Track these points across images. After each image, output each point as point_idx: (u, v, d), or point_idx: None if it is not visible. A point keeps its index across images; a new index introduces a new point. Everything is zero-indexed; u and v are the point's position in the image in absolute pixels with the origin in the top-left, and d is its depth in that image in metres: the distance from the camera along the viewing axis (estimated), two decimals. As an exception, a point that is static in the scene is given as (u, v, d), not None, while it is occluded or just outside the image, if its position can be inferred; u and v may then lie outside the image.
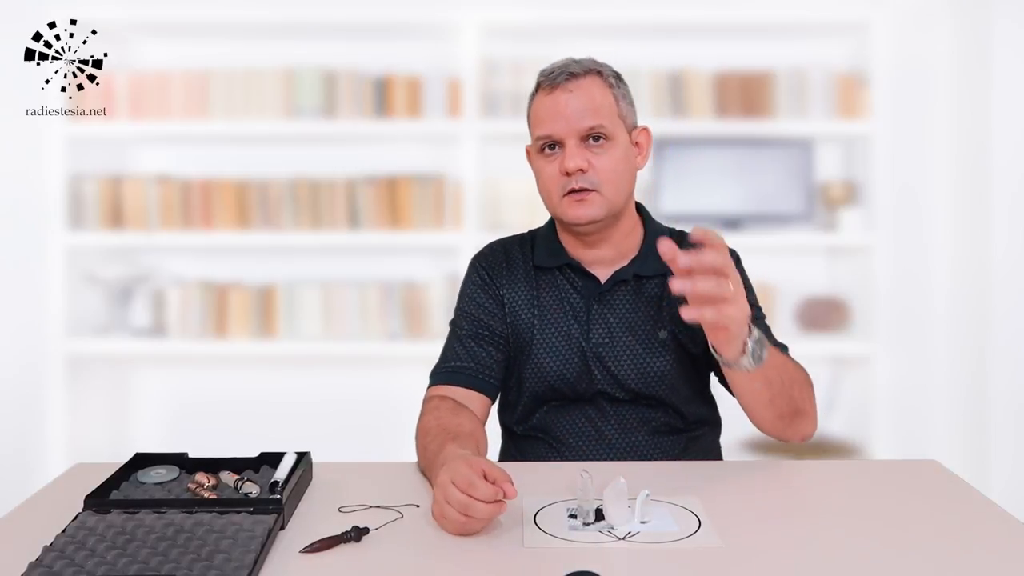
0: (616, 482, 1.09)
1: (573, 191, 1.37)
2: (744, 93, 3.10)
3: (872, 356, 3.07)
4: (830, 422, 3.06)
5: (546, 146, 1.40)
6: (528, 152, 1.49)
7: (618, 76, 1.43)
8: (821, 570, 0.99)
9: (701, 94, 3.09)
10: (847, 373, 3.18)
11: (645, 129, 1.47)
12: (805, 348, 2.98)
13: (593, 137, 1.38)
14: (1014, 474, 2.84)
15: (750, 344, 1.18)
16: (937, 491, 1.24)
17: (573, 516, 1.11)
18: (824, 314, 3.15)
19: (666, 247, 1.10)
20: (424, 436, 1.32)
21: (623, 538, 1.05)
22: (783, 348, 1.43)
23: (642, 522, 1.09)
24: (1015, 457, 2.89)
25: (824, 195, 3.18)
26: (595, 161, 1.37)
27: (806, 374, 1.37)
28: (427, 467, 1.26)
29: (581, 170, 1.36)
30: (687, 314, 1.10)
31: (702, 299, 1.10)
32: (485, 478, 1.05)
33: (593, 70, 1.40)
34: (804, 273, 3.21)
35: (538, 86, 1.43)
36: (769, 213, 3.14)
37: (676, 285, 1.09)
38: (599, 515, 1.10)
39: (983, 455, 2.93)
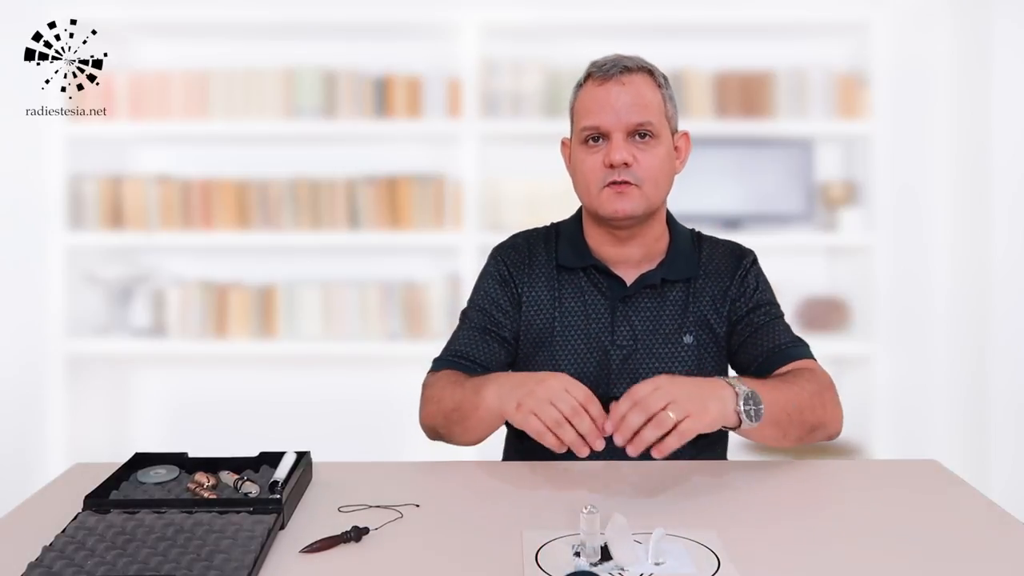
0: (614, 520, 1.00)
1: (614, 183, 1.36)
2: (744, 93, 3.10)
3: (872, 356, 3.07)
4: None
5: (590, 137, 1.38)
6: (564, 145, 1.48)
7: (666, 78, 1.43)
8: (822, 570, 1.00)
9: (701, 94, 3.09)
10: (847, 373, 3.18)
11: (686, 134, 1.46)
12: (805, 348, 3.01)
13: (640, 134, 1.37)
14: (1014, 474, 2.84)
15: (742, 411, 1.16)
16: (937, 491, 1.24)
17: (578, 555, 1.01)
18: (824, 314, 3.15)
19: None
20: (456, 384, 1.34)
21: None
22: (803, 346, 1.44)
23: (656, 563, 0.99)
24: (1015, 457, 2.89)
25: (824, 195, 3.18)
26: (640, 157, 1.36)
27: (820, 383, 1.35)
28: (473, 391, 1.28)
29: (626, 164, 1.35)
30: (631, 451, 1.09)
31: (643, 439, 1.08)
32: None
33: (645, 68, 1.40)
34: (804, 273, 3.21)
35: (587, 77, 1.41)
36: (769, 213, 3.14)
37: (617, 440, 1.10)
38: (605, 553, 1.00)
39: (983, 455, 2.93)
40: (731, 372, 1.53)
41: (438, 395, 1.37)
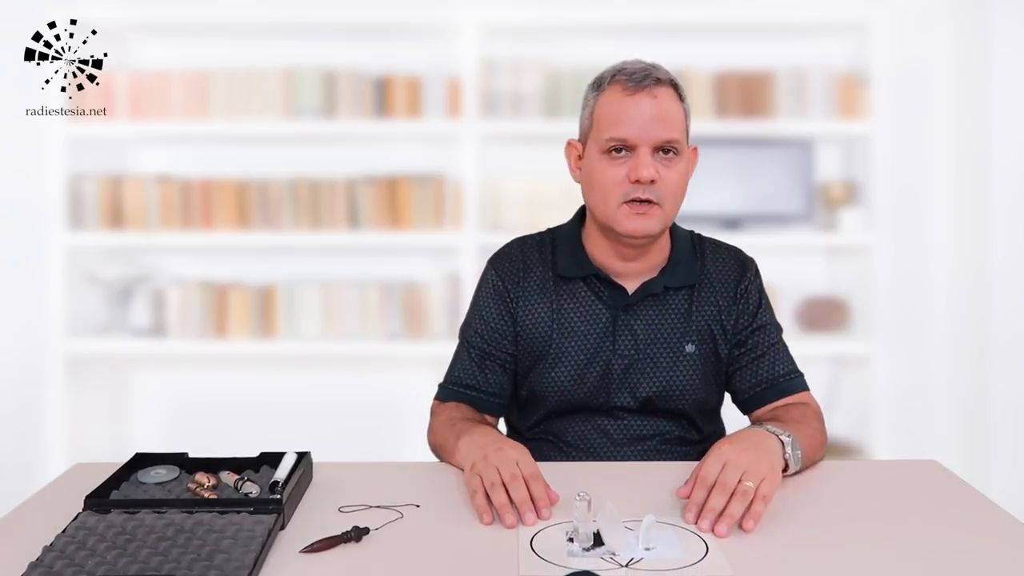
0: (606, 508, 1.03)
1: (637, 200, 1.33)
2: (744, 93, 3.10)
3: (872, 356, 3.07)
4: (830, 422, 3.05)
5: (614, 148, 1.34)
6: (572, 146, 1.44)
7: (683, 91, 1.40)
8: (822, 570, 1.00)
9: (701, 94, 3.08)
10: (847, 373, 3.18)
11: (695, 149, 1.44)
12: (805, 348, 2.98)
13: (664, 149, 1.34)
14: (1014, 474, 2.84)
15: (791, 456, 1.22)
16: (937, 491, 1.24)
17: (571, 540, 1.05)
18: (824, 314, 3.15)
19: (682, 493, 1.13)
20: (450, 423, 1.37)
21: (626, 565, 1.00)
22: (800, 377, 1.47)
23: (647, 548, 1.03)
24: (1015, 457, 2.89)
25: (824, 195, 3.18)
26: (664, 174, 1.34)
27: (819, 419, 1.41)
28: (455, 437, 1.32)
29: (652, 181, 1.32)
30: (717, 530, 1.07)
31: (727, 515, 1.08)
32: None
33: (672, 81, 1.37)
34: (804, 273, 3.21)
35: (612, 82, 1.35)
36: (769, 213, 3.14)
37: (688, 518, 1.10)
38: (598, 539, 1.03)
39: (983, 455, 2.93)
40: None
41: (436, 427, 1.43)
